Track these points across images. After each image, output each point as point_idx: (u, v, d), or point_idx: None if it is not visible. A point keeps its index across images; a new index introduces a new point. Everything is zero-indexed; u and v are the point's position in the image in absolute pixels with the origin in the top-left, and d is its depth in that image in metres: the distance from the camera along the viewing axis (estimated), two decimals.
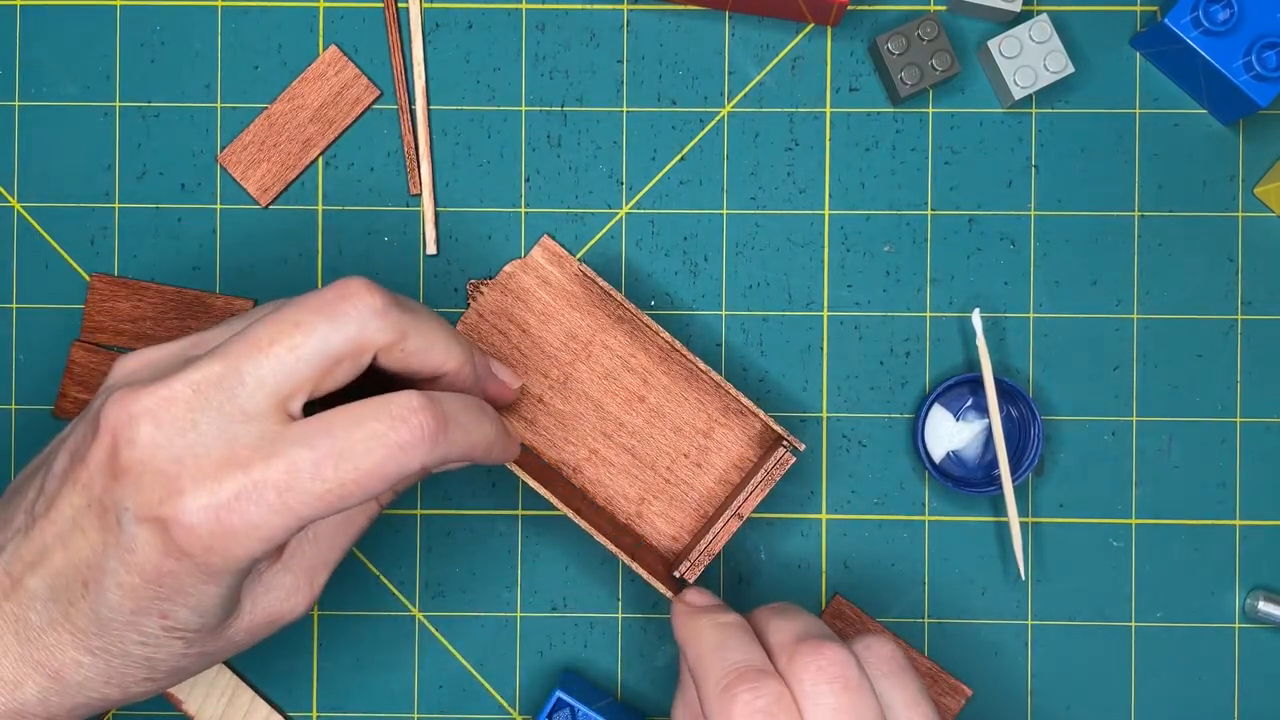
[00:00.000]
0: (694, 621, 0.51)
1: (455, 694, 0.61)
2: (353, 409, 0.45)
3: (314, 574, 0.50)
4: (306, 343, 0.45)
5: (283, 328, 0.46)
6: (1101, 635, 0.61)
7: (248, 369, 0.45)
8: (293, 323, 0.46)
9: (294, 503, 0.44)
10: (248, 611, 0.48)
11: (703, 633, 0.49)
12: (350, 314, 0.46)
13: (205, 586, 0.45)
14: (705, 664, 0.48)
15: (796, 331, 0.61)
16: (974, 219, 0.61)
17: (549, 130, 0.61)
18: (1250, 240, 0.61)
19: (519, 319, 0.60)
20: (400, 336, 0.47)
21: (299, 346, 0.45)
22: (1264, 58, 0.57)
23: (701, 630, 0.50)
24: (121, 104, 0.61)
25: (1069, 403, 0.61)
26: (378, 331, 0.46)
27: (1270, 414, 0.61)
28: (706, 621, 0.50)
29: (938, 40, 0.59)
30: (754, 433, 0.59)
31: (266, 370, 0.45)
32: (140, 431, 0.44)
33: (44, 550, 0.46)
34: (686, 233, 0.61)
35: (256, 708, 0.60)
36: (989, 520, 0.61)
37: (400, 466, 0.45)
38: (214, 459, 0.44)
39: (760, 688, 0.46)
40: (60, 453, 0.47)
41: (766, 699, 0.46)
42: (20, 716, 0.47)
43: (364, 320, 0.46)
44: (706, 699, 0.47)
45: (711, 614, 0.51)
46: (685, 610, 0.52)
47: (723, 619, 0.50)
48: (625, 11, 0.61)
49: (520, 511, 0.61)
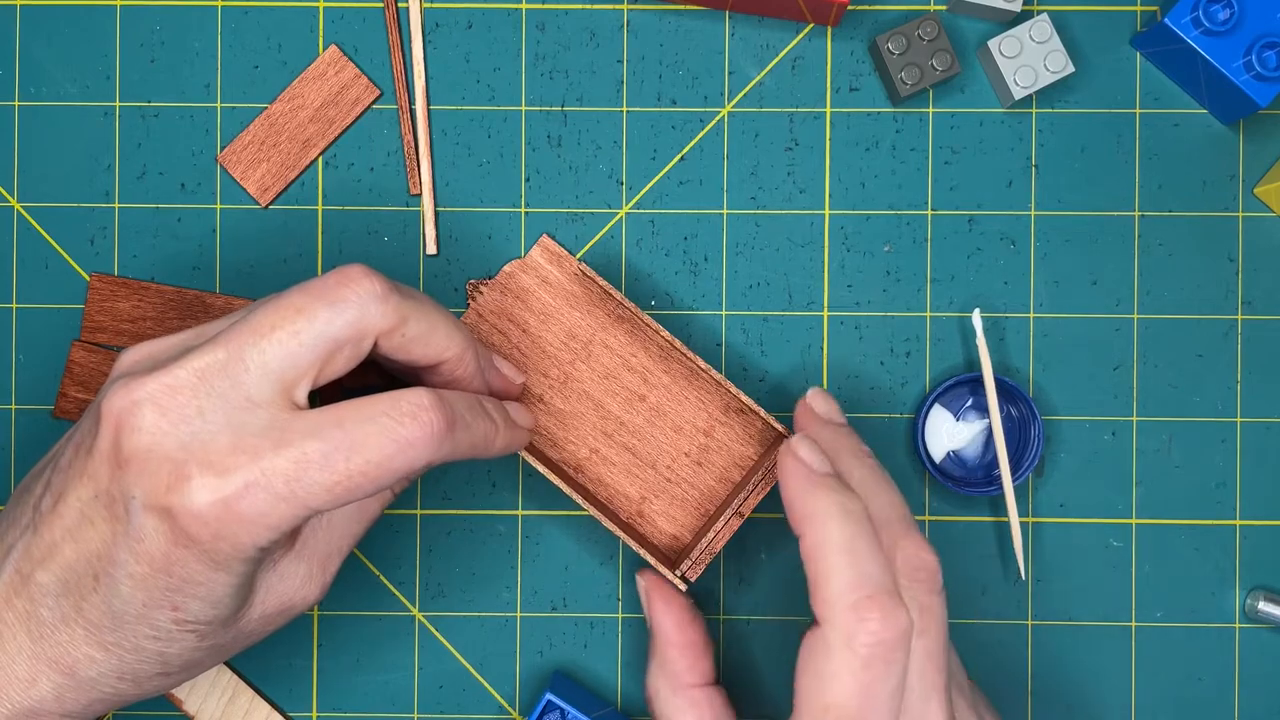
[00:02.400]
0: (818, 498, 0.48)
1: (455, 694, 0.61)
2: (362, 403, 0.45)
3: (327, 562, 0.50)
4: (309, 327, 0.46)
5: (284, 313, 0.46)
6: (1101, 635, 0.61)
7: (250, 354, 0.45)
8: (294, 308, 0.46)
9: (302, 493, 0.44)
10: (260, 602, 0.48)
11: (831, 521, 0.47)
12: (351, 299, 0.46)
13: (215, 575, 0.45)
14: (831, 563, 0.46)
15: (796, 331, 0.61)
16: (974, 219, 0.61)
17: (549, 130, 0.61)
18: (1250, 240, 0.61)
19: (519, 319, 0.60)
20: (400, 321, 0.47)
21: (301, 331, 0.45)
22: (1264, 58, 0.57)
23: (830, 516, 0.47)
24: (121, 104, 0.61)
25: (1069, 403, 0.61)
26: (378, 316, 0.47)
27: (1270, 414, 0.61)
28: (834, 504, 0.47)
29: (938, 40, 0.59)
30: (755, 431, 0.59)
31: (269, 355, 0.45)
32: (144, 418, 0.44)
33: (53, 545, 0.46)
34: (686, 233, 0.61)
35: (256, 707, 0.60)
36: (989, 520, 0.61)
37: (409, 461, 0.45)
38: (221, 446, 0.44)
39: (890, 619, 0.45)
40: (66, 448, 0.47)
41: (894, 634, 0.45)
42: (36, 715, 0.47)
43: (364, 304, 0.46)
44: (828, 603, 0.46)
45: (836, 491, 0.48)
46: (804, 474, 0.49)
47: (850, 504, 0.47)
48: (625, 11, 0.61)
49: (520, 511, 0.61)
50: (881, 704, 0.45)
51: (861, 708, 0.45)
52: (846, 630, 0.45)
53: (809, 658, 0.46)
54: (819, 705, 0.46)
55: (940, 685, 0.47)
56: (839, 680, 0.45)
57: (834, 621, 0.46)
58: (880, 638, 0.45)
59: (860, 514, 0.47)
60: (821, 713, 0.45)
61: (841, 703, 0.45)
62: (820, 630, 0.46)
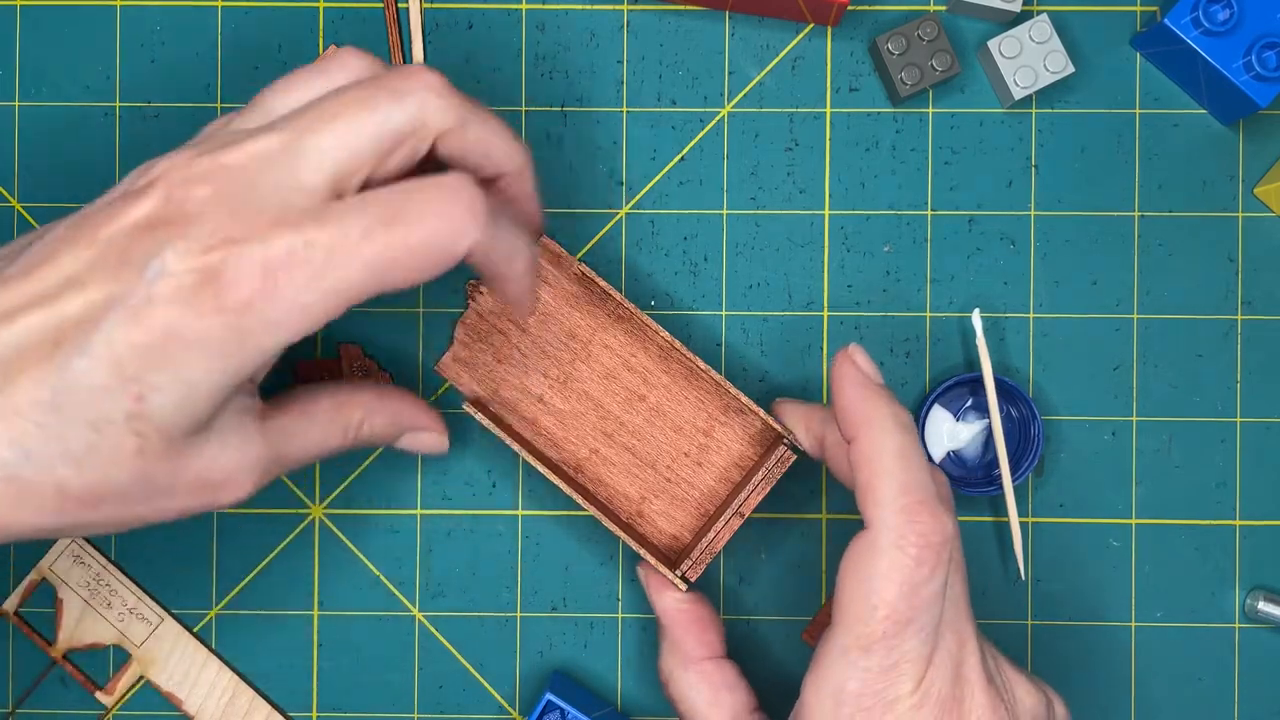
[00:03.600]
0: (874, 405, 0.50)
1: (455, 694, 0.61)
2: (405, 183, 0.45)
3: (269, 463, 0.49)
4: (371, 118, 0.45)
5: (346, 103, 0.45)
6: (1101, 635, 0.61)
7: (309, 141, 0.44)
8: (356, 100, 0.45)
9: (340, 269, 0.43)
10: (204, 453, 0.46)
11: (886, 427, 0.49)
12: (413, 92, 0.46)
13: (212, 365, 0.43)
14: (886, 467, 0.48)
15: (796, 331, 0.61)
16: (974, 219, 0.61)
17: (549, 130, 0.61)
18: (1250, 240, 0.61)
19: (519, 319, 0.60)
20: (461, 122, 0.47)
21: (364, 122, 0.45)
22: (1264, 58, 0.57)
23: (884, 423, 0.49)
24: (122, 104, 0.61)
25: (1069, 403, 0.61)
26: (439, 111, 0.46)
27: (1270, 414, 0.61)
28: (889, 414, 0.49)
29: (938, 40, 0.59)
30: (755, 431, 0.59)
31: (329, 143, 0.44)
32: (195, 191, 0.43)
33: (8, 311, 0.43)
34: (686, 233, 0.61)
35: (257, 707, 0.60)
36: (989, 520, 0.61)
37: (448, 241, 0.45)
38: (267, 219, 0.43)
39: (939, 523, 0.47)
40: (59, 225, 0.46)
41: (941, 538, 0.47)
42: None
43: (425, 100, 0.46)
44: (880, 504, 0.47)
45: (891, 401, 0.50)
46: (861, 381, 0.51)
47: (902, 415, 0.49)
48: (625, 12, 0.61)
49: (520, 511, 0.61)
50: (927, 604, 0.47)
51: (911, 606, 0.47)
52: (898, 531, 0.47)
53: (856, 560, 0.48)
54: (866, 606, 0.47)
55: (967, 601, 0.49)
56: (888, 580, 0.47)
57: (885, 523, 0.47)
58: (929, 540, 0.47)
59: (912, 426, 0.49)
60: (869, 613, 0.47)
61: (890, 600, 0.47)
62: (869, 534, 0.48)
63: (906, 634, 0.47)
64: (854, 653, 0.47)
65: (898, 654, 0.47)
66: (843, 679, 0.47)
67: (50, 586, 0.60)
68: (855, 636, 0.47)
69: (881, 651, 0.47)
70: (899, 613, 0.47)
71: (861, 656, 0.47)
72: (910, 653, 0.47)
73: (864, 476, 0.48)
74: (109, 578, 0.60)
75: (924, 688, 0.47)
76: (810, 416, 0.55)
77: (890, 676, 0.47)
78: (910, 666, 0.47)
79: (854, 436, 0.49)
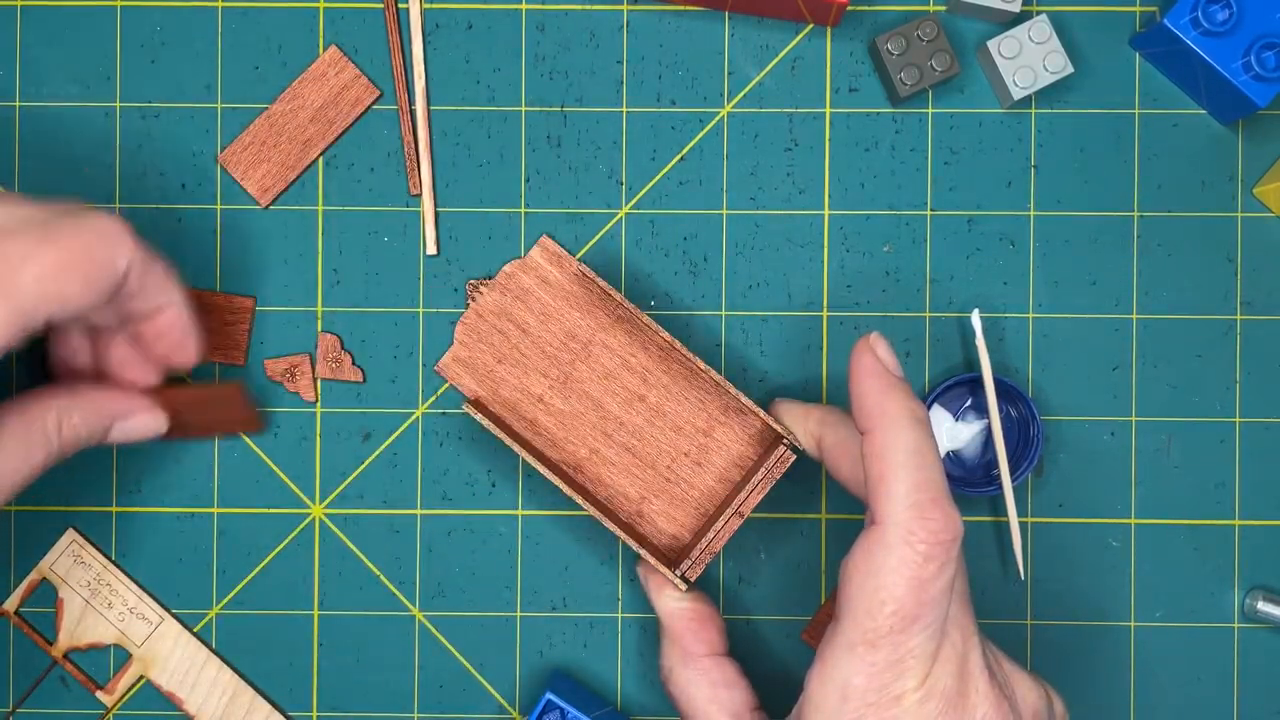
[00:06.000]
0: (891, 399, 0.49)
1: (455, 694, 0.61)
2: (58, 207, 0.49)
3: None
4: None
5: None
6: (1101, 635, 0.61)
7: None
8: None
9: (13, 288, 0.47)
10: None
11: (902, 423, 0.49)
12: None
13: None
14: (899, 463, 0.48)
15: (796, 331, 0.61)
16: (974, 219, 0.61)
17: (549, 130, 0.61)
18: (1250, 240, 0.61)
19: (519, 319, 0.60)
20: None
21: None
22: (1263, 58, 0.57)
23: (900, 418, 0.49)
24: (121, 104, 0.61)
25: (1069, 403, 0.61)
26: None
27: (1270, 414, 0.61)
28: (906, 409, 0.49)
29: (937, 40, 0.59)
30: (754, 431, 0.59)
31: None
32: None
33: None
34: (686, 233, 0.61)
35: (257, 707, 0.60)
36: (989, 520, 0.61)
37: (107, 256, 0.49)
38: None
39: (950, 521, 0.47)
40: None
41: (951, 535, 0.47)
42: None
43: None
44: (892, 499, 0.48)
45: (908, 397, 0.49)
46: (880, 373, 0.50)
47: (919, 411, 0.49)
48: (625, 12, 0.61)
49: (520, 511, 0.61)
50: (935, 601, 0.47)
51: (919, 602, 0.47)
52: (908, 527, 0.47)
53: (865, 556, 0.48)
54: (874, 602, 0.47)
55: (969, 598, 0.50)
56: (897, 575, 0.47)
57: (896, 519, 0.47)
58: (940, 538, 0.47)
59: (928, 421, 0.49)
60: (878, 607, 0.47)
61: (899, 596, 0.47)
62: (879, 529, 0.48)
63: (913, 630, 0.47)
64: (860, 648, 0.47)
65: (904, 650, 0.47)
66: (849, 674, 0.47)
67: (51, 586, 0.60)
68: (862, 632, 0.47)
69: (888, 647, 0.47)
70: (907, 609, 0.47)
71: (868, 652, 0.47)
72: (916, 649, 0.47)
73: (876, 471, 0.48)
74: (109, 578, 0.60)
75: (929, 683, 0.47)
76: (808, 417, 0.55)
77: (896, 672, 0.47)
78: (916, 662, 0.47)
79: (868, 430, 0.49)
